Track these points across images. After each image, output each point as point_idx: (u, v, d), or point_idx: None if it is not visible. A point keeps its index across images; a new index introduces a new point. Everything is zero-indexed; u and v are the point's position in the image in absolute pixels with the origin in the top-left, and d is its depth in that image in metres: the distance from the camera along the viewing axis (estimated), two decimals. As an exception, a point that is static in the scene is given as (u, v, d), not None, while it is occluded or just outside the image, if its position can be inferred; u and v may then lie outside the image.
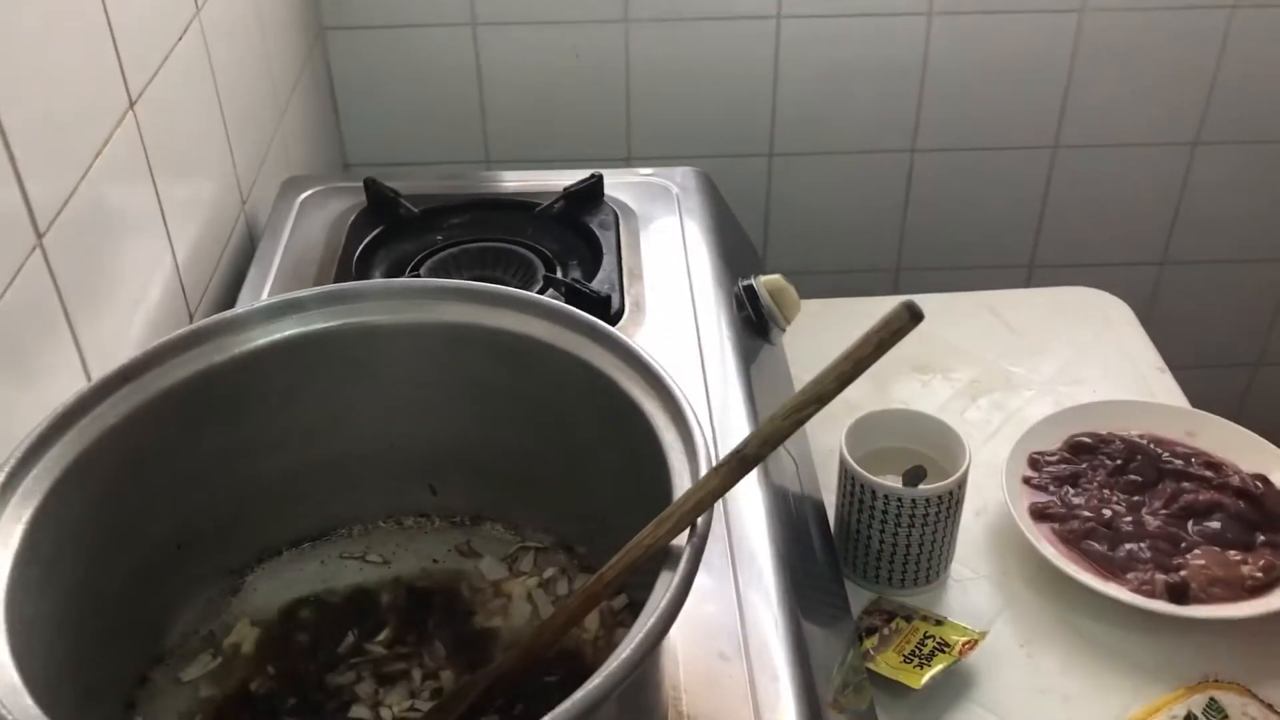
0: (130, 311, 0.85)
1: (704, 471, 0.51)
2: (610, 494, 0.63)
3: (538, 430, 0.65)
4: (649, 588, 0.48)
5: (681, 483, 0.52)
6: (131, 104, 0.84)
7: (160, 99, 0.89)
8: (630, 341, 0.60)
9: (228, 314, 0.61)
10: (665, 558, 0.50)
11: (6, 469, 0.51)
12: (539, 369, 0.62)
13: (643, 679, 0.54)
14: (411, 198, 1.07)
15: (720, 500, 0.80)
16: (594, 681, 0.44)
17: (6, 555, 0.49)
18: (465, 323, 0.63)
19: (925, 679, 0.84)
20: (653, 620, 0.46)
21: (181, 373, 0.59)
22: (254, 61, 1.16)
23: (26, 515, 0.51)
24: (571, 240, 1.04)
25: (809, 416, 0.47)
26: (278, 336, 0.61)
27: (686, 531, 0.50)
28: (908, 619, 0.90)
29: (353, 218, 1.06)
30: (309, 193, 1.11)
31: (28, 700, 0.44)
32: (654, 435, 0.55)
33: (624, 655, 0.45)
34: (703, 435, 0.54)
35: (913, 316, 0.44)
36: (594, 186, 1.08)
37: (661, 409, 0.57)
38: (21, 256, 0.68)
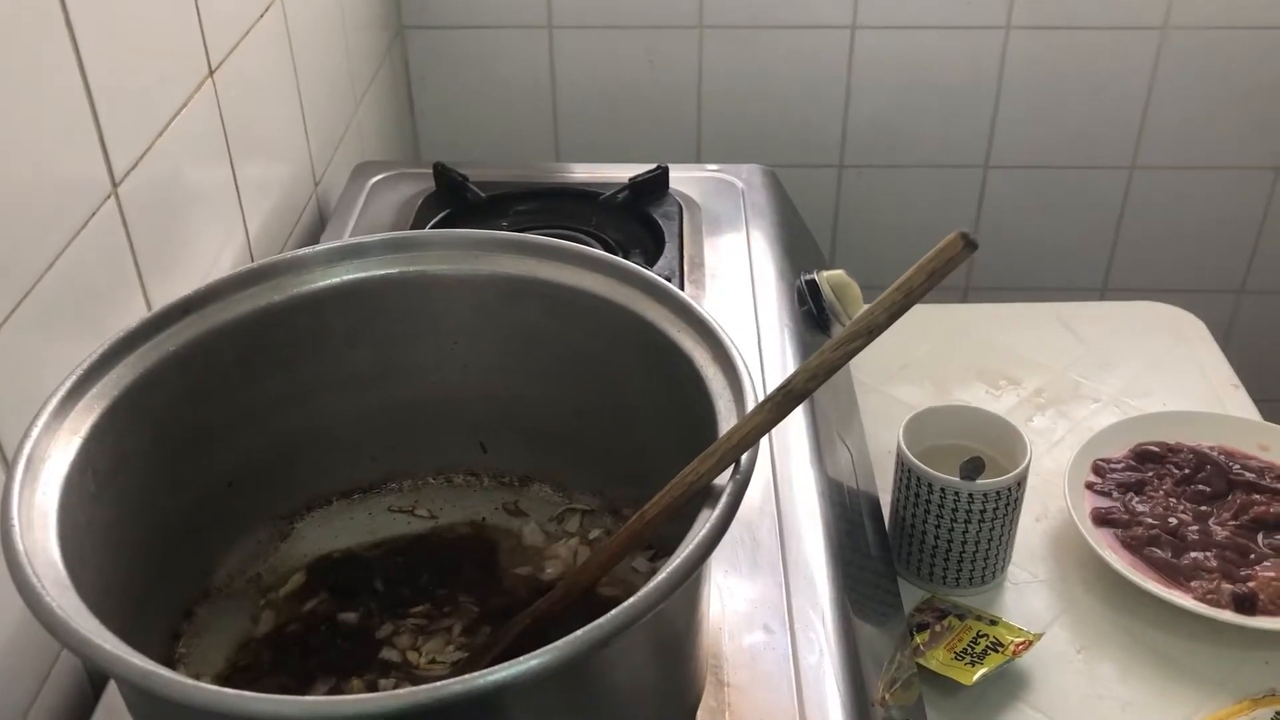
0: (200, 280, 0.87)
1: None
2: (659, 453, 0.62)
3: (588, 387, 0.65)
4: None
5: (728, 424, 0.52)
6: (211, 72, 0.86)
7: (239, 73, 0.92)
8: (683, 294, 0.59)
9: (289, 254, 0.62)
10: (707, 495, 0.49)
11: (69, 383, 0.53)
12: (592, 323, 0.62)
13: (679, 627, 0.54)
14: (479, 184, 1.08)
15: (772, 482, 0.81)
16: (624, 604, 0.43)
17: (64, 459, 0.50)
18: (522, 275, 0.63)
19: (977, 676, 0.82)
20: (689, 550, 0.45)
21: (241, 309, 0.60)
22: (333, 52, 1.18)
23: (84, 428, 0.52)
24: (635, 229, 1.04)
25: (858, 350, 0.46)
26: (337, 280, 0.62)
27: (730, 469, 0.49)
28: (960, 617, 0.88)
29: (420, 201, 1.08)
30: (380, 177, 1.13)
31: (74, 596, 0.45)
32: (702, 382, 0.55)
33: (656, 582, 0.44)
34: (751, 382, 0.53)
35: (967, 244, 0.44)
36: (660, 178, 1.08)
37: (712, 359, 0.56)
38: (97, 201, 0.70)
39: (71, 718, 0.66)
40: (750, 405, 0.52)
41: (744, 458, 0.49)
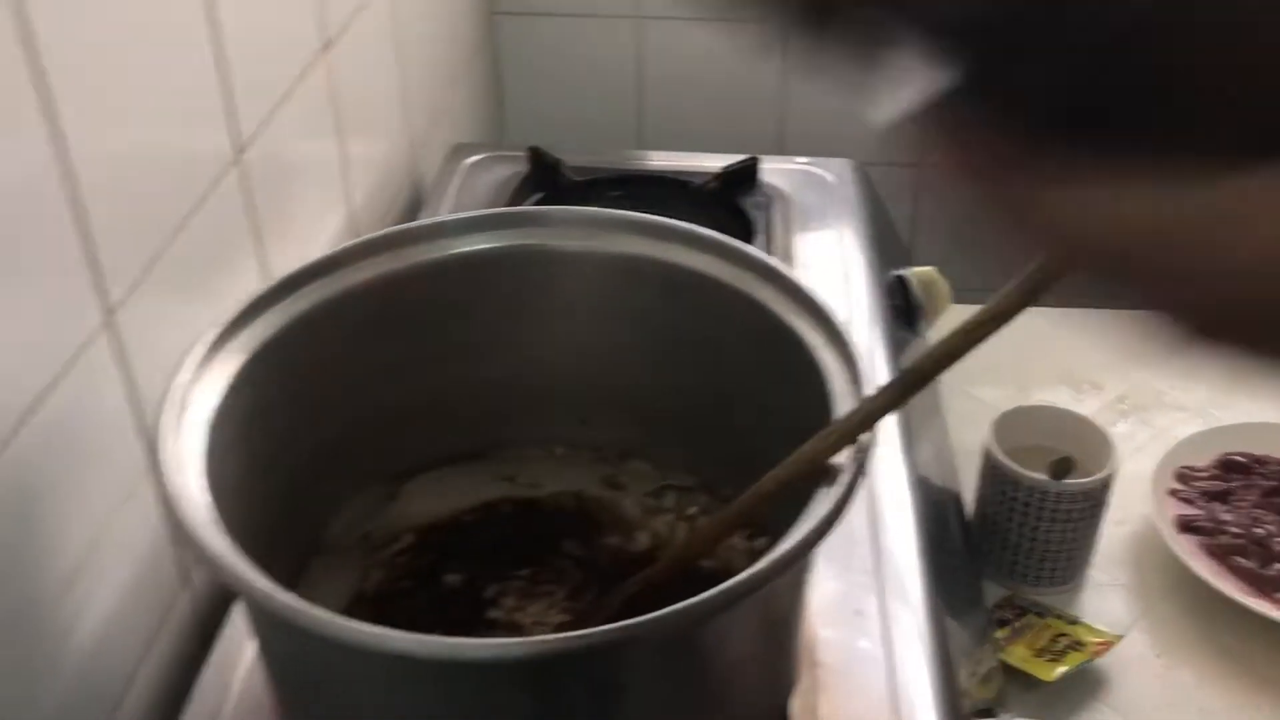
0: (308, 253, 0.89)
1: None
2: (763, 437, 0.63)
3: (694, 366, 0.66)
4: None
5: (844, 407, 0.53)
6: (326, 47, 0.89)
7: (350, 49, 0.94)
8: (800, 280, 0.60)
9: (412, 225, 0.63)
10: (824, 474, 0.50)
11: (210, 337, 0.55)
12: (705, 304, 0.63)
13: (788, 601, 0.55)
14: (571, 169, 1.10)
15: (863, 474, 0.81)
16: (748, 571, 0.44)
17: (207, 408, 0.52)
18: (639, 255, 0.64)
19: (1058, 673, 0.83)
20: (812, 524, 0.47)
21: (363, 275, 0.62)
22: (432, 34, 1.20)
23: (224, 382, 0.54)
24: (724, 219, 1.05)
25: (987, 335, 0.47)
26: (458, 251, 0.64)
27: (851, 449, 0.50)
28: (1040, 615, 0.88)
29: (515, 184, 1.10)
30: (474, 159, 1.15)
31: (224, 539, 0.47)
32: (816, 365, 0.56)
33: (777, 553, 0.45)
34: (865, 364, 0.54)
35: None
36: (750, 169, 1.09)
37: (826, 343, 0.57)
38: (222, 169, 0.72)
39: (186, 652, 0.68)
40: (866, 387, 0.53)
41: (864, 438, 0.50)
